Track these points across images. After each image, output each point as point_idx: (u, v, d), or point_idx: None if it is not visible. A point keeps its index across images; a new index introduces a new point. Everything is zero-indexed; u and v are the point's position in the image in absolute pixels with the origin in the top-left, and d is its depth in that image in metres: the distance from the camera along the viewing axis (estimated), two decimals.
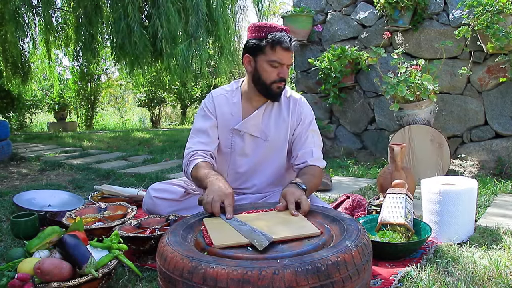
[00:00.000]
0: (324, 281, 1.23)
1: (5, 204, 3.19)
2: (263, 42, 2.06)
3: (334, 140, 5.14)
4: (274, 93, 2.16)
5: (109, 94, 12.82)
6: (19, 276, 1.55)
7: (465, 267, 1.79)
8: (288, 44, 2.05)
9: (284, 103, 2.26)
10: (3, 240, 2.41)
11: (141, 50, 5.06)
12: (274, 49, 2.05)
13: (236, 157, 2.30)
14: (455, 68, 4.08)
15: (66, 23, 7.14)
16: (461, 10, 3.95)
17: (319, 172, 2.17)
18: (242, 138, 2.26)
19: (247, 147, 2.27)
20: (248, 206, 1.88)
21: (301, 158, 2.20)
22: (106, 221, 2.29)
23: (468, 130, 4.18)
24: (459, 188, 2.15)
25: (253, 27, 2.13)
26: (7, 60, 7.22)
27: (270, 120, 2.25)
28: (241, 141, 2.26)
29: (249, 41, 2.13)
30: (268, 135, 2.24)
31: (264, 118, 2.24)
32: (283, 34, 2.06)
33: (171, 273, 1.31)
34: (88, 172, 4.45)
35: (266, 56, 2.07)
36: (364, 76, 4.77)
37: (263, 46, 2.07)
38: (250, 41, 2.12)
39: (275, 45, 2.04)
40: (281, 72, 2.10)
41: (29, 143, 7.28)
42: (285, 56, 2.07)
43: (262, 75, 2.12)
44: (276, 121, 2.25)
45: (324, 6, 5.10)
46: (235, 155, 2.29)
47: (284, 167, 2.34)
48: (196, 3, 4.92)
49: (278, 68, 2.09)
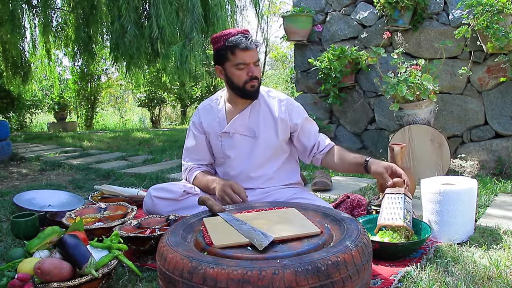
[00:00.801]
0: (324, 281, 1.23)
1: (5, 204, 3.19)
2: (223, 50, 2.18)
3: (334, 140, 5.12)
4: (250, 92, 2.25)
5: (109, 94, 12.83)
6: (19, 276, 1.55)
7: (465, 267, 1.79)
8: (245, 44, 2.14)
9: (271, 102, 2.33)
10: (3, 240, 2.41)
11: (134, 51, 5.05)
12: (234, 53, 2.15)
13: (229, 160, 2.37)
14: (455, 68, 4.08)
15: (66, 23, 7.14)
16: (461, 10, 3.95)
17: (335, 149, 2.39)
18: (232, 140, 2.34)
19: (238, 147, 2.34)
20: (248, 205, 1.88)
21: (322, 144, 2.39)
22: (106, 221, 2.29)
23: (468, 130, 4.18)
24: (459, 188, 2.15)
25: (212, 39, 2.26)
26: (7, 60, 7.23)
27: (258, 117, 2.31)
28: (231, 143, 2.35)
29: (213, 53, 2.26)
30: (257, 132, 2.30)
31: (251, 117, 2.32)
32: (239, 37, 2.16)
33: (171, 273, 1.32)
34: (88, 172, 4.44)
35: (231, 62, 2.19)
36: (364, 76, 4.77)
37: (224, 53, 2.18)
38: (214, 53, 2.25)
39: (233, 49, 2.15)
40: (249, 71, 2.19)
41: (29, 143, 7.28)
42: (246, 55, 2.16)
43: (233, 80, 2.23)
44: (264, 119, 2.31)
45: (324, 6, 5.10)
46: (227, 158, 2.37)
47: (282, 163, 2.39)
48: (192, 4, 4.91)
49: (245, 68, 2.19)
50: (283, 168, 2.41)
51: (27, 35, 6.90)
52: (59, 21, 7.19)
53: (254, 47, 2.18)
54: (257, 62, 2.22)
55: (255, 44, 2.18)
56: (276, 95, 2.37)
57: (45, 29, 6.61)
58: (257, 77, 2.23)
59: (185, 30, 4.94)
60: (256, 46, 2.20)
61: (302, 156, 2.46)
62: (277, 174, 2.39)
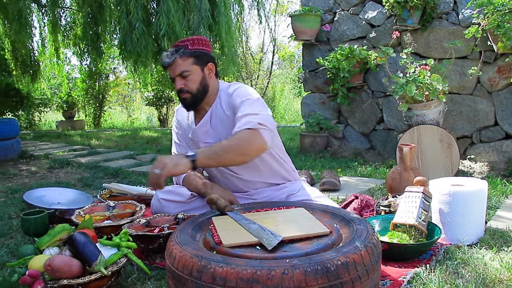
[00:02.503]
0: (334, 281, 1.23)
1: (15, 202, 3.21)
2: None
3: (342, 140, 5.13)
4: (183, 104, 2.27)
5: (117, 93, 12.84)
6: (30, 273, 1.56)
7: (475, 269, 1.77)
8: (163, 60, 2.19)
9: (224, 101, 2.26)
10: (13, 237, 2.43)
11: (142, 48, 5.04)
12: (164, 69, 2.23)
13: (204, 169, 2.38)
14: (465, 68, 4.06)
15: (75, 22, 7.18)
16: (471, 10, 3.92)
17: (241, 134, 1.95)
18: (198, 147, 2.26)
19: None
20: (256, 205, 1.88)
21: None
22: (115, 219, 2.30)
23: (478, 131, 4.15)
24: (469, 189, 2.13)
25: None
26: (16, 59, 7.27)
27: (217, 122, 2.27)
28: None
29: None
30: (220, 137, 2.24)
31: (213, 122, 2.28)
32: (163, 53, 2.22)
33: (180, 272, 1.32)
34: (96, 170, 4.46)
35: None
36: (372, 76, 4.75)
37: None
38: None
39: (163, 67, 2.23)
40: (176, 85, 2.20)
41: (38, 141, 7.32)
42: (170, 70, 2.20)
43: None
44: (222, 121, 2.26)
45: (332, 5, 5.09)
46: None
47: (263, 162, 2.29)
48: (200, 0, 4.90)
49: (174, 82, 2.21)
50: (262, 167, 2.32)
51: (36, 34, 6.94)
52: (68, 20, 7.22)
53: (171, 61, 2.15)
54: (183, 73, 2.17)
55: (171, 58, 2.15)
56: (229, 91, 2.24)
57: (54, 28, 6.64)
58: (183, 89, 2.18)
59: (192, 27, 4.94)
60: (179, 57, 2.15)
61: None
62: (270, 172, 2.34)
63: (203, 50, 2.23)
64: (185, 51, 2.16)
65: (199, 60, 2.20)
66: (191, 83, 2.18)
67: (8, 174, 4.35)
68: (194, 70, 2.18)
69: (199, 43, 2.22)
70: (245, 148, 1.92)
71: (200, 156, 1.86)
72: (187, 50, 2.17)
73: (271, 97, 12.50)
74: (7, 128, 5.15)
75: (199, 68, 2.20)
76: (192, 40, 2.21)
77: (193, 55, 2.18)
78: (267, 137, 1.95)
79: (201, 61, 2.20)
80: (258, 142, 1.93)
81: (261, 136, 1.93)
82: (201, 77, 2.20)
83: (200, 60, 2.20)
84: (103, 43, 6.64)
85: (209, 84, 2.24)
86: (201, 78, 2.20)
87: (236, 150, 1.91)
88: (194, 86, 2.19)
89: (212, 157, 1.90)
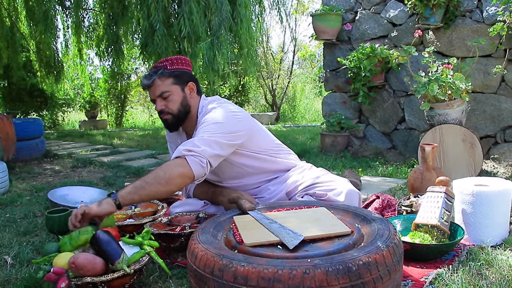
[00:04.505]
0: (355, 281, 1.22)
1: (39, 200, 3.28)
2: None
3: (363, 140, 5.09)
4: (165, 125, 2.25)
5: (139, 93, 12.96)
6: (54, 270, 1.59)
7: (499, 271, 1.74)
8: (142, 82, 2.17)
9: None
10: (38, 235, 2.49)
11: (163, 50, 5.08)
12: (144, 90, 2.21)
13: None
14: (489, 67, 3.99)
15: (97, 23, 7.27)
16: (496, 7, 3.85)
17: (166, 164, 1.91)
18: None
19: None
20: (277, 204, 1.89)
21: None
22: (137, 218, 2.33)
23: (502, 130, 4.08)
24: (493, 189, 2.10)
25: None
26: (41, 60, 7.40)
27: None
28: None
29: None
30: None
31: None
32: (143, 76, 2.22)
33: (202, 271, 1.33)
34: (118, 169, 4.52)
35: None
36: (394, 75, 4.71)
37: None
38: None
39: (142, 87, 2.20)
40: (157, 106, 2.16)
41: (62, 141, 7.45)
42: (150, 92, 2.17)
43: None
44: None
45: (353, 4, 5.05)
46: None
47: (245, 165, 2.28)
48: (220, 1, 4.92)
49: (156, 103, 2.17)
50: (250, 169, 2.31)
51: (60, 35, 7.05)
52: (91, 21, 7.31)
53: (149, 83, 2.13)
54: (163, 94, 2.13)
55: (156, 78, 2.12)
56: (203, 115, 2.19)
57: (77, 29, 6.74)
58: (164, 110, 2.16)
59: (213, 28, 4.95)
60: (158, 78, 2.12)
61: None
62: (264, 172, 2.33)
63: (183, 69, 2.20)
64: (164, 72, 2.14)
65: (179, 80, 2.17)
66: (172, 103, 2.15)
67: (32, 173, 4.44)
68: (174, 90, 2.15)
69: (177, 63, 2.19)
70: (167, 177, 1.84)
71: (121, 193, 1.80)
72: (166, 71, 2.14)
73: (292, 96, 12.48)
74: (32, 128, 5.26)
75: (179, 88, 2.17)
76: (171, 60, 2.19)
77: (172, 75, 2.15)
78: (193, 163, 1.87)
79: (181, 81, 2.17)
80: (181, 170, 1.86)
81: (185, 163, 1.87)
82: (182, 97, 2.17)
83: (180, 80, 2.17)
84: (124, 44, 6.71)
85: (191, 104, 2.21)
86: (181, 98, 2.17)
87: (158, 180, 1.83)
88: (175, 106, 2.16)
89: (133, 191, 1.81)
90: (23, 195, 3.50)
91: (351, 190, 2.06)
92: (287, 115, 11.85)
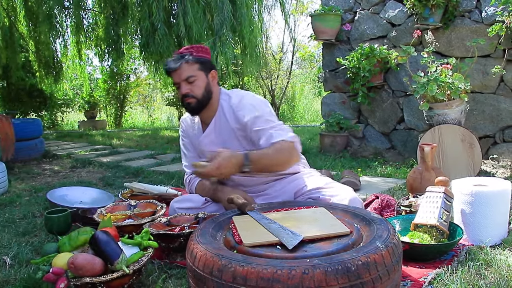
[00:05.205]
0: (354, 281, 1.22)
1: (38, 200, 3.28)
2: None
3: (362, 140, 5.10)
4: (187, 109, 2.31)
5: (138, 93, 12.96)
6: (53, 271, 1.59)
7: (498, 271, 1.74)
8: (169, 65, 2.21)
9: (227, 111, 2.29)
10: (37, 235, 2.49)
11: (164, 49, 5.08)
12: (169, 75, 2.26)
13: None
14: (488, 67, 3.99)
15: (97, 23, 7.27)
16: (495, 7, 3.86)
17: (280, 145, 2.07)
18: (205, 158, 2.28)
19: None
20: (277, 204, 1.89)
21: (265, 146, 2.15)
22: (136, 218, 2.33)
23: (501, 130, 4.08)
24: (492, 189, 2.10)
25: None
26: (40, 60, 7.40)
27: (222, 132, 2.31)
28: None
29: None
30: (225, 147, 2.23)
31: (217, 132, 2.32)
32: (168, 59, 2.25)
33: (201, 271, 1.33)
34: (117, 169, 4.52)
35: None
36: (393, 75, 4.71)
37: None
38: None
39: (167, 73, 2.27)
40: (181, 90, 2.22)
41: (61, 141, 7.44)
42: (174, 76, 2.22)
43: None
44: (226, 132, 2.30)
45: (352, 4, 5.06)
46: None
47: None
48: (221, 1, 4.92)
49: (179, 88, 2.24)
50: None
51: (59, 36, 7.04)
52: (90, 21, 7.31)
53: (176, 66, 2.18)
54: (189, 78, 2.20)
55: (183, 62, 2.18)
56: (232, 102, 2.28)
57: (77, 29, 6.73)
58: (188, 94, 2.21)
59: (215, 28, 4.95)
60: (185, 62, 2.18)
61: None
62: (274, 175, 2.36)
63: (206, 58, 2.28)
64: (191, 57, 2.20)
65: (204, 67, 2.24)
66: (197, 88, 2.21)
67: (32, 173, 4.43)
68: (199, 75, 2.21)
69: (202, 51, 2.27)
70: (287, 159, 2.10)
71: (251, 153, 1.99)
72: (192, 57, 2.21)
73: (291, 96, 12.47)
74: (31, 128, 5.25)
75: (204, 74, 2.24)
76: (196, 48, 2.27)
77: (198, 61, 2.22)
78: (299, 149, 2.13)
79: (205, 68, 2.25)
80: (295, 154, 2.12)
81: (296, 149, 2.11)
82: (206, 83, 2.24)
83: (205, 67, 2.25)
84: (124, 44, 6.71)
85: (213, 90, 2.28)
86: (205, 84, 2.24)
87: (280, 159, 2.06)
88: (200, 91, 2.22)
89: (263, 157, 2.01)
90: (22, 195, 3.50)
91: (355, 198, 2.08)
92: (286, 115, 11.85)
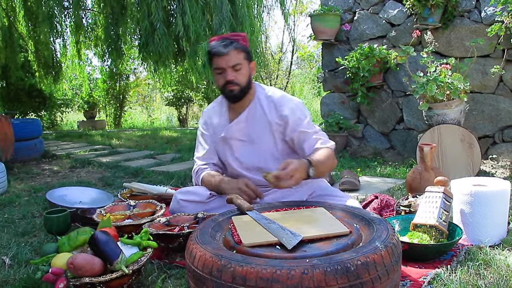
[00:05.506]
0: (354, 281, 1.22)
1: (38, 200, 3.28)
2: (208, 56, 2.30)
3: (362, 140, 5.10)
4: (228, 96, 2.29)
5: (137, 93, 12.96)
6: (53, 271, 1.59)
7: (498, 271, 1.74)
8: (217, 49, 2.20)
9: (266, 104, 2.31)
10: (37, 235, 2.48)
11: (163, 49, 5.07)
12: (212, 59, 2.24)
13: (231, 165, 2.38)
14: (487, 67, 4.00)
15: (96, 23, 7.26)
16: (494, 7, 3.86)
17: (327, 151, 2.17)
18: (230, 145, 2.35)
19: (236, 152, 2.36)
20: (276, 204, 1.89)
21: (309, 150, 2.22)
22: (135, 218, 2.33)
23: (500, 130, 4.09)
24: (491, 189, 2.10)
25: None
26: (39, 60, 7.39)
27: (254, 122, 2.31)
28: (230, 148, 2.36)
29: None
30: (254, 138, 2.31)
31: (248, 121, 2.32)
32: (215, 43, 2.25)
33: (200, 271, 1.33)
34: (117, 170, 4.52)
35: (212, 67, 2.28)
36: (392, 75, 4.71)
37: (209, 60, 2.30)
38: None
39: (211, 55, 2.25)
40: (225, 76, 2.21)
41: (60, 141, 7.43)
42: (220, 61, 2.20)
43: (216, 84, 2.32)
44: (260, 123, 2.30)
45: (352, 5, 5.06)
46: (230, 162, 2.38)
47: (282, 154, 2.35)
48: (220, 1, 4.92)
49: (222, 73, 2.22)
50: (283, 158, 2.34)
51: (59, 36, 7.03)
52: (89, 21, 7.30)
53: (226, 52, 2.18)
54: (236, 66, 2.20)
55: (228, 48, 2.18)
56: (272, 96, 2.33)
57: (76, 29, 6.73)
58: (233, 81, 2.21)
59: (214, 27, 4.95)
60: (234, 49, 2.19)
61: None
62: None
63: (249, 48, 2.31)
64: (239, 45, 2.23)
65: (248, 56, 2.27)
66: (241, 76, 2.23)
67: (31, 174, 4.43)
68: (244, 64, 2.24)
69: (245, 41, 2.30)
70: (332, 165, 2.23)
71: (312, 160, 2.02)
72: (240, 45, 2.23)
73: None
74: (30, 128, 5.25)
75: (247, 64, 2.27)
76: (242, 36, 2.30)
77: (244, 50, 2.25)
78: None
79: (249, 58, 2.28)
80: (336, 162, 2.25)
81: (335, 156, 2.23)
82: (249, 72, 2.27)
83: (249, 57, 2.28)
84: (123, 44, 6.70)
85: (251, 80, 2.31)
86: (248, 73, 2.27)
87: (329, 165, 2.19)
88: (244, 79, 2.24)
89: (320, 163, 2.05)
90: (21, 195, 3.50)
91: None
92: None
